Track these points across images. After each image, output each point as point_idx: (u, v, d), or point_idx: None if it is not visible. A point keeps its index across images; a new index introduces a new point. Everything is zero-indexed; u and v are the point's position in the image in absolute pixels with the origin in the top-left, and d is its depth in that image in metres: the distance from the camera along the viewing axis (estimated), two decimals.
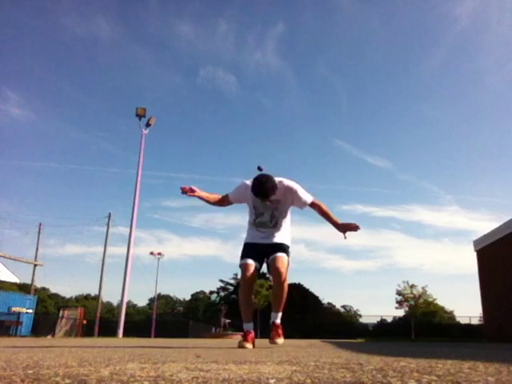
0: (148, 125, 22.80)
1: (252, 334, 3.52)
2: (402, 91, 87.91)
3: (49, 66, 79.00)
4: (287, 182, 3.55)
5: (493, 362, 1.69)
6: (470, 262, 40.76)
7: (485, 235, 18.31)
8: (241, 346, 3.40)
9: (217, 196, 3.76)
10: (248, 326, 3.58)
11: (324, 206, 3.67)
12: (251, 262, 3.52)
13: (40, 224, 30.91)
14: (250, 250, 3.61)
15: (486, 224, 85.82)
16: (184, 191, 3.56)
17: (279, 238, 3.67)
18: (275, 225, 3.62)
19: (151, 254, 34.09)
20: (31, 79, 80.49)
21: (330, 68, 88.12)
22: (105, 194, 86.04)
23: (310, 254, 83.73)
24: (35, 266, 28.64)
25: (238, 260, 3.66)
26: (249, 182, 3.50)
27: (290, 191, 3.53)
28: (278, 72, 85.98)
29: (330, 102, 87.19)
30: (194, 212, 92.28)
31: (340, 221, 3.64)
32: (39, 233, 30.34)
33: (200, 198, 3.65)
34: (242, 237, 3.82)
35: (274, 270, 3.49)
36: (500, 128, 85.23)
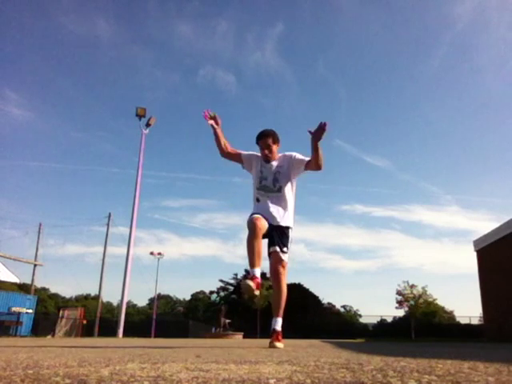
0: (148, 125, 22.80)
1: (259, 280, 3.27)
2: (402, 91, 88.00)
3: (49, 66, 79.02)
4: (287, 152, 3.83)
5: (493, 362, 1.69)
6: (469, 262, 40.81)
7: (485, 235, 18.30)
8: (245, 285, 3.19)
9: (229, 146, 3.94)
10: (256, 270, 3.30)
11: (312, 157, 3.64)
12: (261, 216, 3.52)
13: (40, 224, 30.97)
14: (258, 212, 3.63)
15: (485, 224, 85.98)
16: (206, 117, 3.76)
17: (285, 218, 3.71)
18: (279, 189, 3.71)
19: (151, 254, 34.12)
20: (31, 79, 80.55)
21: (330, 68, 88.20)
22: (105, 194, 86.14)
23: (309, 254, 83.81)
24: (35, 265, 28.65)
25: (237, 260, 3.69)
26: (257, 153, 3.82)
27: (290, 157, 3.78)
28: (278, 72, 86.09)
29: (329, 102, 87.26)
30: (193, 212, 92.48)
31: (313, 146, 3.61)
32: (39, 233, 30.38)
33: (215, 134, 3.84)
34: (242, 237, 3.86)
35: (275, 271, 3.57)
36: (500, 128, 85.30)
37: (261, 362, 1.63)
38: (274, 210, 3.69)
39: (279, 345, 3.52)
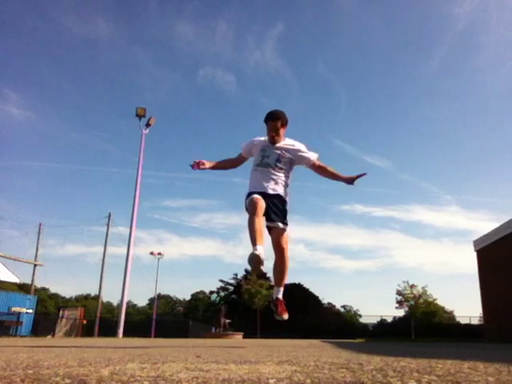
0: (148, 125, 22.80)
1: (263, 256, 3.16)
2: (402, 91, 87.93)
3: (49, 66, 78.94)
4: (298, 143, 3.85)
5: (493, 362, 1.69)
6: (470, 262, 40.84)
7: (485, 235, 18.31)
8: (253, 255, 3.07)
9: (229, 160, 3.98)
10: (259, 247, 3.17)
11: (329, 167, 3.89)
12: (260, 196, 3.51)
13: (40, 224, 30.93)
14: (256, 191, 3.61)
15: (485, 224, 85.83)
16: (194, 167, 3.72)
17: (283, 192, 3.70)
18: (280, 169, 3.71)
19: (151, 254, 34.12)
20: (31, 79, 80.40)
21: (330, 68, 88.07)
22: (105, 194, 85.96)
23: (309, 254, 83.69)
24: (35, 265, 28.65)
25: (237, 260, 3.68)
26: (259, 137, 3.82)
27: (296, 149, 3.78)
28: (278, 72, 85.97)
29: (329, 102, 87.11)
30: (193, 212, 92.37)
31: (344, 175, 3.87)
32: (39, 233, 30.36)
33: (212, 168, 3.86)
34: (242, 237, 3.84)
35: (278, 246, 3.55)
36: (500, 128, 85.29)
37: (261, 361, 1.63)
38: (272, 182, 3.68)
39: (285, 316, 3.64)
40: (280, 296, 3.73)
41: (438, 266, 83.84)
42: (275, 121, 3.68)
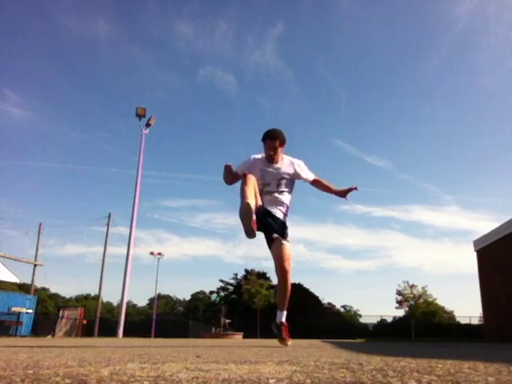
0: (148, 125, 22.80)
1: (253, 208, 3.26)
2: (402, 91, 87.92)
3: (48, 66, 78.94)
4: (296, 159, 3.88)
5: (493, 362, 1.69)
6: (469, 262, 40.81)
7: (485, 235, 18.31)
8: (244, 204, 3.17)
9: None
10: (250, 201, 3.24)
11: (324, 181, 4.00)
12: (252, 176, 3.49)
13: (40, 224, 30.94)
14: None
15: (485, 224, 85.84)
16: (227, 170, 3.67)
17: (284, 210, 3.71)
18: (281, 192, 3.74)
19: (151, 254, 34.12)
20: (31, 79, 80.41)
21: (330, 68, 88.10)
22: (105, 194, 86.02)
23: (309, 254, 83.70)
24: (35, 265, 28.64)
25: (237, 260, 3.67)
26: (255, 155, 3.78)
27: (296, 168, 3.81)
28: (278, 72, 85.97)
29: (329, 102, 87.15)
30: (193, 212, 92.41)
31: (339, 188, 4.03)
32: (39, 233, 30.36)
33: (232, 176, 3.75)
34: (242, 237, 3.82)
35: (281, 267, 3.52)
36: (500, 128, 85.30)
37: (261, 362, 1.63)
38: (273, 200, 3.68)
39: (290, 342, 3.64)
40: (284, 320, 3.70)
41: (437, 266, 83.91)
42: (273, 140, 3.66)
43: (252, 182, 3.40)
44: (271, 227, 3.59)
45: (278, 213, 3.69)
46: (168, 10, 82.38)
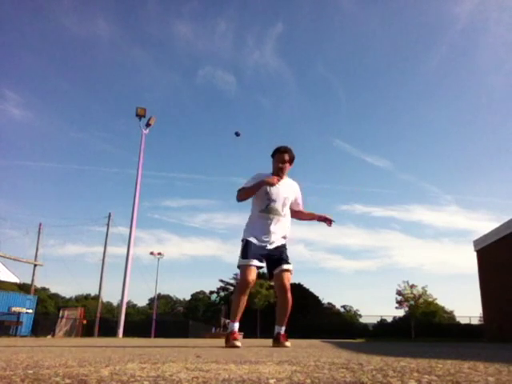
0: (148, 125, 22.78)
1: (237, 334, 3.67)
2: (402, 91, 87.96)
3: (48, 66, 79.02)
4: (293, 181, 3.96)
5: (493, 362, 1.69)
6: (469, 262, 40.81)
7: (485, 235, 18.30)
8: (233, 345, 3.46)
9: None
10: (235, 325, 3.70)
11: (306, 212, 4.07)
12: (255, 265, 3.55)
13: (40, 224, 30.91)
14: (254, 250, 3.59)
15: (485, 224, 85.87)
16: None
17: (283, 236, 3.75)
18: (285, 215, 3.76)
19: (151, 254, 34.10)
20: (31, 79, 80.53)
21: (329, 68, 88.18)
22: (105, 194, 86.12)
23: (309, 254, 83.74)
24: (35, 266, 28.62)
25: (237, 259, 3.64)
26: (262, 172, 3.80)
27: (296, 192, 3.93)
28: (277, 72, 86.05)
29: (329, 102, 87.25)
30: (193, 212, 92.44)
31: (316, 213, 4.06)
32: (39, 233, 30.33)
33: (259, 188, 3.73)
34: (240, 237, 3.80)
35: (282, 286, 3.62)
36: (500, 128, 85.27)
37: (261, 362, 1.63)
38: (279, 231, 3.70)
39: (288, 343, 3.66)
40: (282, 332, 3.79)
41: (437, 266, 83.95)
42: (283, 154, 3.74)
43: (248, 291, 3.64)
44: (280, 261, 3.68)
45: (283, 241, 3.76)
46: (168, 11, 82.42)
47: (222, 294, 53.12)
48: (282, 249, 3.71)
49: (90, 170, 76.86)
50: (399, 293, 33.18)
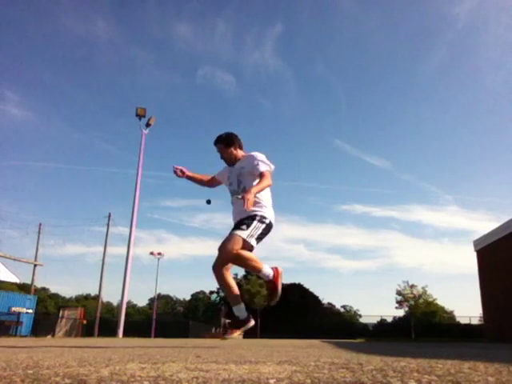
0: (148, 125, 22.78)
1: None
2: (401, 91, 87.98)
3: (48, 67, 79.05)
4: (253, 153, 3.72)
5: (493, 362, 1.69)
6: (469, 262, 40.82)
7: (485, 235, 18.31)
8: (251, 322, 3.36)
9: (207, 176, 4.08)
10: (242, 307, 3.54)
11: (262, 181, 3.49)
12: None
13: (40, 224, 30.88)
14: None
15: (485, 224, 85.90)
16: (175, 173, 3.88)
17: (243, 213, 3.52)
18: (244, 189, 3.59)
19: (151, 254, 34.06)
20: (30, 80, 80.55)
21: (329, 68, 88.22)
22: (105, 194, 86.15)
23: (309, 254, 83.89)
24: (35, 266, 28.61)
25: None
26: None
27: (252, 157, 3.65)
28: (277, 72, 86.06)
29: (329, 102, 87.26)
30: (193, 212, 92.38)
31: (255, 189, 3.35)
32: (39, 233, 30.31)
33: (189, 178, 3.98)
34: None
35: (219, 251, 3.46)
36: (499, 128, 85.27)
37: (261, 362, 1.63)
38: (241, 207, 3.52)
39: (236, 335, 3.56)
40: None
41: (437, 266, 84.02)
42: (217, 144, 3.82)
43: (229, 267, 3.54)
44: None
45: (243, 214, 3.58)
46: (167, 11, 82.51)
47: (221, 293, 53.11)
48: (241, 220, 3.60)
49: (89, 170, 76.86)
50: (399, 293, 33.19)
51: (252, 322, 3.50)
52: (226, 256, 3.41)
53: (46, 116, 77.37)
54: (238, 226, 3.50)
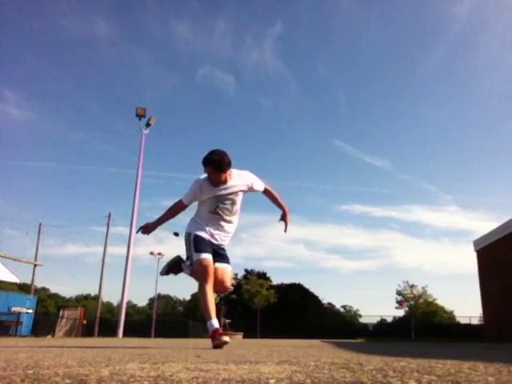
0: (148, 125, 22.79)
1: (221, 330, 3.37)
2: (401, 91, 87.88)
3: (48, 66, 78.98)
4: (243, 172, 3.70)
5: (493, 362, 1.69)
6: (469, 262, 40.79)
7: (485, 235, 18.31)
8: (221, 343, 3.21)
9: (176, 208, 3.82)
10: (215, 322, 3.36)
11: (274, 192, 3.88)
12: (210, 258, 3.51)
13: (40, 224, 30.93)
14: (206, 245, 3.55)
15: (485, 224, 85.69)
16: (143, 233, 3.80)
17: (230, 236, 3.73)
18: (235, 212, 3.65)
19: (151, 253, 34.10)
20: (30, 79, 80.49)
21: (329, 68, 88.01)
22: (105, 194, 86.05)
23: (309, 254, 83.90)
24: (35, 266, 28.63)
25: (237, 260, 3.68)
26: (202, 177, 3.57)
27: (249, 183, 3.68)
28: (277, 72, 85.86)
29: (328, 102, 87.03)
30: (193, 212, 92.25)
31: (287, 209, 3.83)
32: (39, 233, 30.36)
33: (159, 225, 3.83)
34: (240, 237, 3.84)
35: (223, 285, 3.59)
36: (499, 128, 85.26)
37: (261, 362, 1.63)
38: (227, 231, 3.66)
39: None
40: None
41: (437, 266, 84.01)
42: (206, 166, 3.45)
43: (212, 280, 3.50)
44: (223, 261, 3.68)
45: (228, 240, 3.71)
46: (166, 10, 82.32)
47: (221, 294, 53.09)
48: (224, 250, 3.70)
49: (89, 170, 76.73)
50: (399, 293, 33.18)
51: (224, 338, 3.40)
52: (227, 291, 3.68)
53: (45, 116, 77.31)
54: (227, 259, 3.67)
